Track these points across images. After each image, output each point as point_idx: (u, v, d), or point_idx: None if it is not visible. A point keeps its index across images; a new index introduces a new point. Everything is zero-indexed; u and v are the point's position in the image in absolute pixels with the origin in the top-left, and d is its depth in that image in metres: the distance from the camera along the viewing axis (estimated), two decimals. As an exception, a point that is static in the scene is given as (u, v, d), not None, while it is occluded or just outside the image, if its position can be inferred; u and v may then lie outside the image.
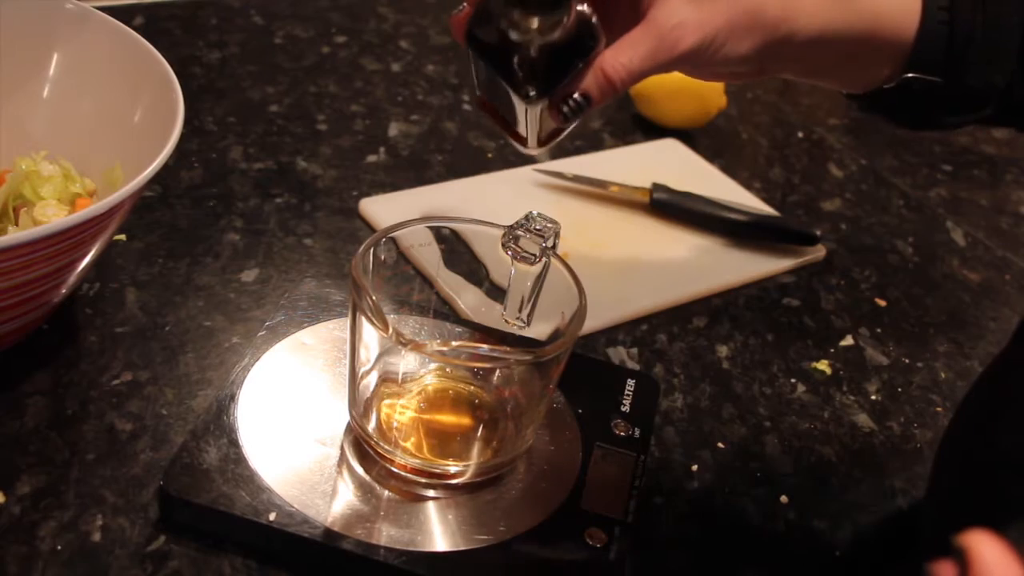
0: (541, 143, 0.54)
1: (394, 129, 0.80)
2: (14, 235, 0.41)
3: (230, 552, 0.44)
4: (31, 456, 0.47)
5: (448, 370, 0.51)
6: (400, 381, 0.49)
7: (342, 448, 0.48)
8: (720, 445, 0.56)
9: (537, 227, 0.48)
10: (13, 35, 0.58)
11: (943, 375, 0.65)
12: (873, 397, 0.62)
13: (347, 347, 0.47)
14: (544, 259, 0.49)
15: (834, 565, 0.51)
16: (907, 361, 0.66)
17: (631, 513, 0.48)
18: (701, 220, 0.74)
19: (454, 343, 0.54)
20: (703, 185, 0.78)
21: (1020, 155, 0.99)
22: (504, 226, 0.49)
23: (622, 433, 0.52)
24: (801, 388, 0.62)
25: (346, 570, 0.44)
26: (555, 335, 0.49)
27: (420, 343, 0.51)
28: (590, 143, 0.84)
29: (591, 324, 0.62)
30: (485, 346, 0.54)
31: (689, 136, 0.87)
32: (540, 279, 0.49)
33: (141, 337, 0.55)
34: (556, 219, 0.49)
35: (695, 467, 0.54)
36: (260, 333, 0.53)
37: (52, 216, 0.53)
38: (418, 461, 0.47)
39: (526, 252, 0.48)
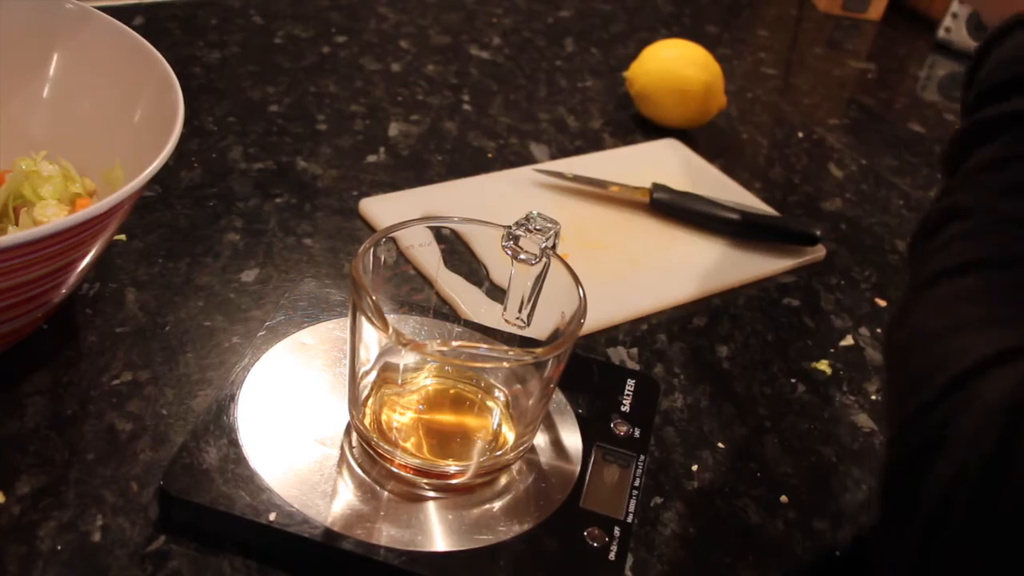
0: None
1: (394, 129, 0.80)
2: (14, 235, 0.41)
3: (230, 552, 0.44)
4: (31, 456, 0.47)
5: (448, 370, 0.51)
6: (400, 381, 0.49)
7: (342, 448, 0.48)
8: (720, 445, 0.56)
9: (537, 227, 0.48)
10: (13, 35, 0.58)
11: (943, 375, 0.65)
12: (873, 397, 0.62)
13: (347, 347, 0.47)
14: (544, 259, 0.49)
15: (834, 565, 0.51)
16: (907, 361, 0.66)
17: (631, 513, 0.48)
18: (701, 220, 0.74)
19: (454, 343, 0.54)
20: (703, 185, 0.78)
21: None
22: (504, 226, 0.49)
23: (622, 433, 0.52)
24: (801, 388, 0.62)
25: (346, 570, 0.44)
26: (555, 335, 0.49)
27: (420, 343, 0.51)
28: (590, 143, 0.84)
29: (591, 324, 0.62)
30: (485, 346, 0.54)
31: (689, 136, 0.87)
32: (540, 279, 0.49)
33: (141, 337, 0.55)
34: (556, 219, 0.49)
35: (695, 467, 0.54)
36: (260, 333, 0.53)
37: (52, 216, 0.53)
38: (418, 461, 0.47)
39: (526, 252, 0.48)
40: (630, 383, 0.55)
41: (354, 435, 0.48)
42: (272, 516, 0.44)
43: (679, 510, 0.52)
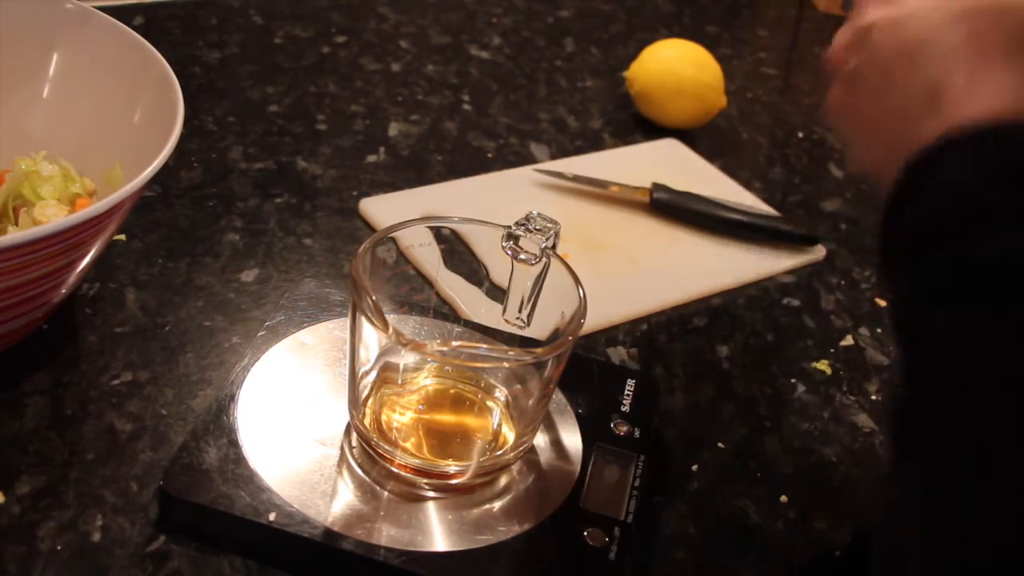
0: None
1: (394, 129, 0.80)
2: (14, 235, 0.41)
3: (230, 552, 0.44)
4: (31, 456, 0.47)
5: (448, 370, 0.51)
6: (400, 381, 0.49)
7: (342, 448, 0.48)
8: (720, 445, 0.56)
9: (537, 227, 0.48)
10: (13, 35, 0.58)
11: (943, 375, 0.65)
12: (873, 397, 0.62)
13: (347, 347, 0.47)
14: (544, 259, 0.49)
15: (834, 565, 0.51)
16: (907, 361, 0.66)
17: (631, 513, 0.48)
18: (701, 220, 0.74)
19: (454, 343, 0.54)
20: (703, 185, 0.78)
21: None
22: (504, 226, 0.49)
23: (622, 433, 0.52)
24: (801, 388, 0.62)
25: (346, 570, 0.44)
26: (555, 335, 0.49)
27: (420, 343, 0.51)
28: (590, 143, 0.84)
29: (591, 324, 0.62)
30: (485, 346, 0.54)
31: (689, 136, 0.87)
32: (540, 279, 0.49)
33: (141, 337, 0.55)
34: (556, 219, 0.49)
35: (695, 467, 0.54)
36: (260, 333, 0.53)
37: (52, 216, 0.53)
38: (418, 461, 0.47)
39: (526, 252, 0.48)
40: (630, 383, 0.55)
41: (354, 435, 0.48)
42: (272, 516, 0.44)
43: (679, 510, 0.52)
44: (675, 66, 0.85)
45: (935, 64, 0.39)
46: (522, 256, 0.49)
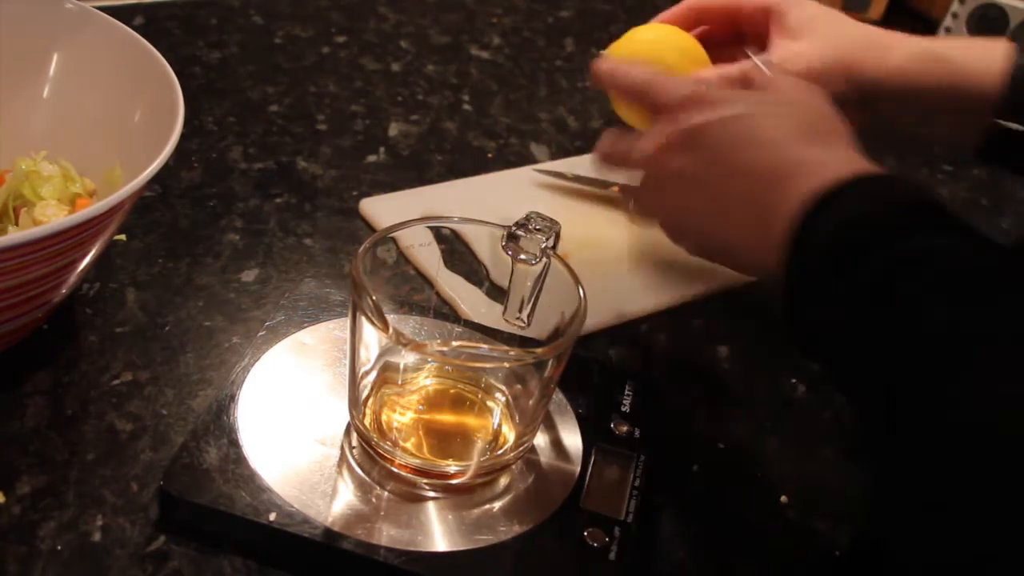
0: None
1: (394, 129, 0.80)
2: (14, 235, 0.41)
3: (230, 552, 0.44)
4: (31, 456, 0.47)
5: (448, 370, 0.51)
6: (400, 381, 0.49)
7: (342, 448, 0.48)
8: (720, 445, 0.56)
9: (537, 227, 0.48)
10: (13, 35, 0.58)
11: (943, 375, 0.65)
12: (873, 397, 0.62)
13: (347, 347, 0.47)
14: (544, 259, 0.49)
15: (834, 565, 0.51)
16: (907, 361, 0.66)
17: (631, 513, 0.48)
18: (701, 220, 0.73)
19: (454, 343, 0.54)
20: (703, 185, 0.77)
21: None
22: (504, 226, 0.49)
23: (622, 433, 0.52)
24: (801, 388, 0.62)
25: (346, 570, 0.44)
26: (555, 335, 0.49)
27: (420, 343, 0.51)
28: (590, 143, 0.84)
29: (591, 324, 0.62)
30: (485, 346, 0.54)
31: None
32: (540, 279, 0.49)
33: (141, 337, 0.55)
34: (556, 219, 0.49)
35: (695, 467, 0.54)
36: (260, 333, 0.53)
37: (52, 216, 0.53)
38: (418, 461, 0.47)
39: (526, 252, 0.48)
40: (630, 383, 0.55)
41: (354, 435, 0.48)
42: (272, 516, 0.44)
43: (679, 510, 0.52)
44: (653, 49, 0.62)
45: (780, 149, 0.47)
46: (522, 256, 0.49)
